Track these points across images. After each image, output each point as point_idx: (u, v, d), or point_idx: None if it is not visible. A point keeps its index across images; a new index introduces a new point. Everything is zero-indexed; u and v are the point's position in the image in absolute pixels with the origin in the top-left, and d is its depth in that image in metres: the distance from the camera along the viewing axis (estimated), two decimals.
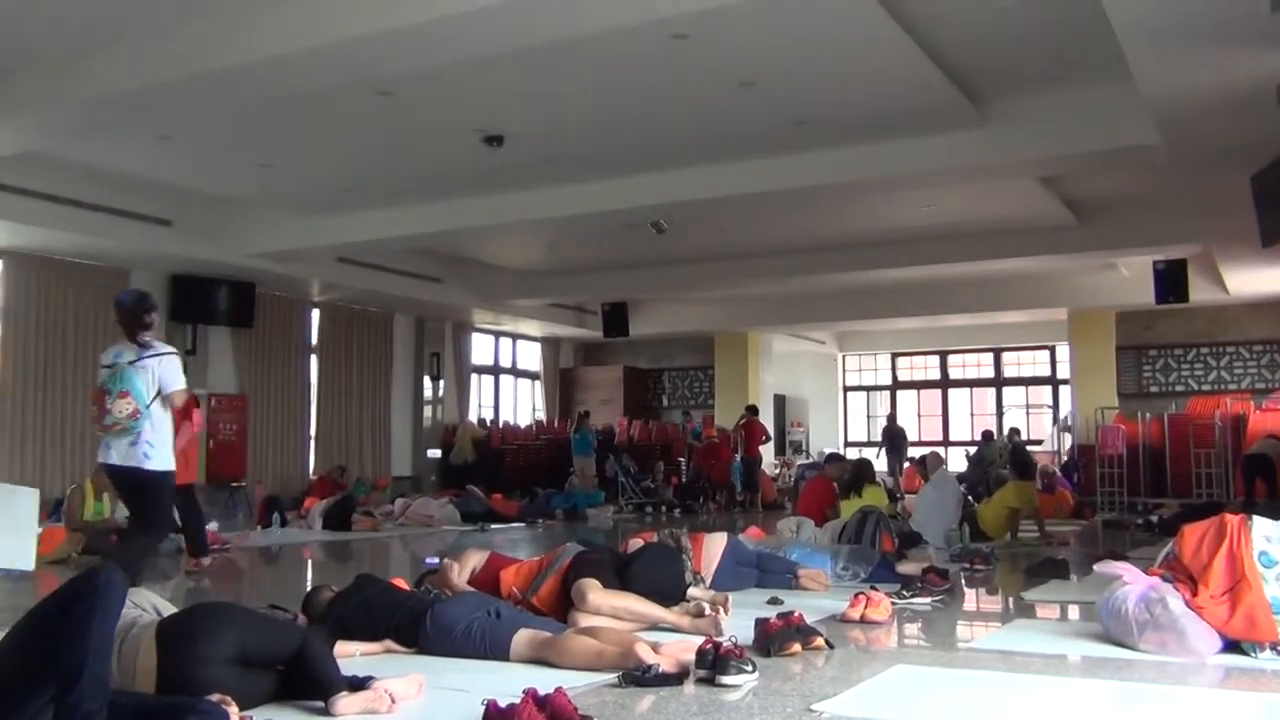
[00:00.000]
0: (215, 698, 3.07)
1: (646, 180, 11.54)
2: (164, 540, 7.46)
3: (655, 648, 4.13)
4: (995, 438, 18.34)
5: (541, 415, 21.92)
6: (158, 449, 5.75)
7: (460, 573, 5.51)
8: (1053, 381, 23.03)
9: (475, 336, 20.30)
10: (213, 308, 14.75)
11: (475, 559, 5.66)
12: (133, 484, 5.81)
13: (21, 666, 2.82)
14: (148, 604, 3.69)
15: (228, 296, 14.82)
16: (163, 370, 5.83)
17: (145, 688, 3.32)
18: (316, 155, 11.10)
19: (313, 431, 16.79)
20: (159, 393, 5.80)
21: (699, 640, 4.21)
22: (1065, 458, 18.44)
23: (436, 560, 7.47)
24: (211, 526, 10.57)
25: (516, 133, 10.13)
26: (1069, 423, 19.05)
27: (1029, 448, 15.11)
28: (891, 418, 22.40)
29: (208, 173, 11.75)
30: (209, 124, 9.85)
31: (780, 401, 23.89)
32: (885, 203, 13.08)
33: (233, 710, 3.05)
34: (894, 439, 20.92)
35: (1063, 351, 21.22)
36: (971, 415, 24.01)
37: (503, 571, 5.46)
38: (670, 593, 5.36)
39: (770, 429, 19.91)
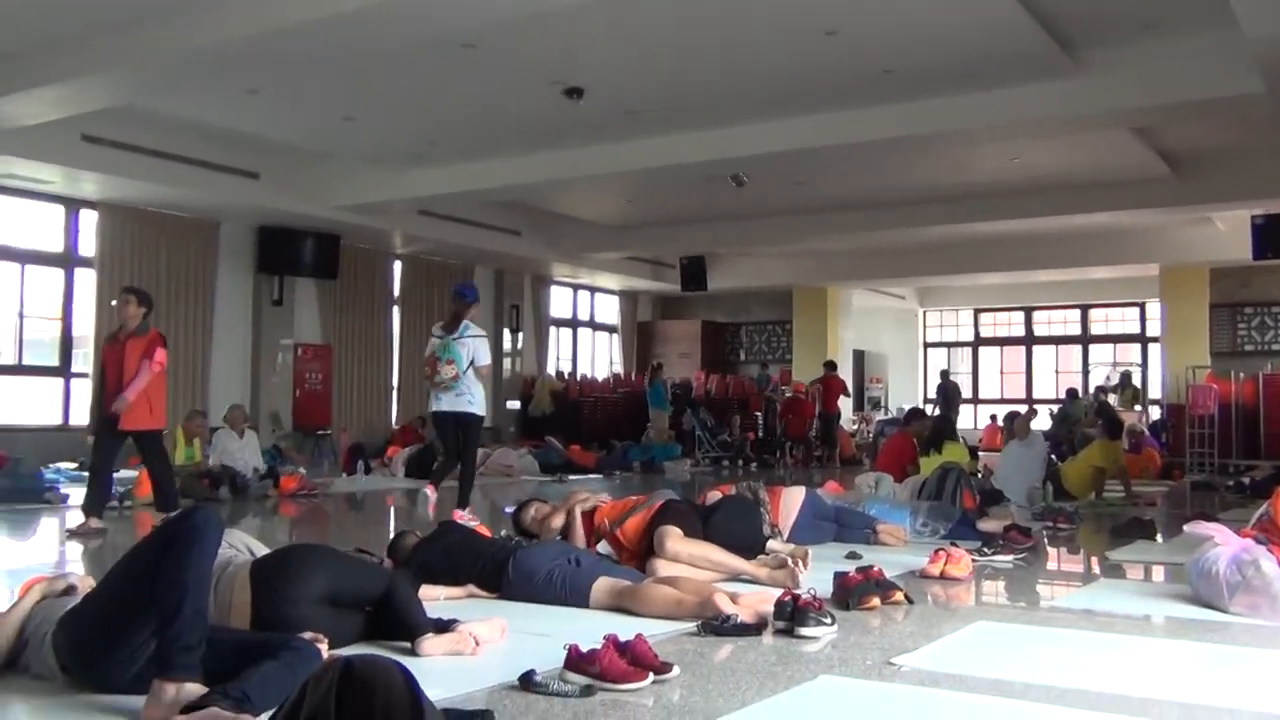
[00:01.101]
0: (308, 635, 3.16)
1: (726, 133, 11.43)
2: (476, 466, 8.63)
3: (734, 598, 4.15)
4: (1080, 395, 17.98)
5: (619, 368, 22.01)
6: (476, 400, 7.85)
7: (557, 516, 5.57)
8: (1142, 339, 22.46)
9: (554, 289, 20.42)
10: (298, 259, 15.03)
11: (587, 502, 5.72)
12: (457, 423, 7.91)
13: (125, 601, 2.94)
14: (241, 544, 3.82)
15: (313, 248, 15.08)
16: (476, 347, 7.85)
17: (241, 624, 3.44)
18: (400, 109, 11.20)
19: (395, 381, 17.10)
20: (472, 362, 7.79)
21: (777, 592, 4.23)
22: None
23: (514, 509, 7.58)
24: (299, 472, 10.88)
25: (596, 85, 10.10)
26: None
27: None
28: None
29: (294, 126, 11.92)
30: (296, 78, 9.99)
31: (859, 357, 23.67)
32: (971, 155, 12.79)
33: (324, 648, 3.14)
34: (948, 395, 20.64)
35: (1153, 308, 20.66)
36: (1056, 372, 23.55)
37: (601, 507, 5.51)
38: (748, 545, 5.38)
39: (849, 385, 19.77)
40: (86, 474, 11.23)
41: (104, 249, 13.27)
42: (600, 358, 22.21)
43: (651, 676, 3.17)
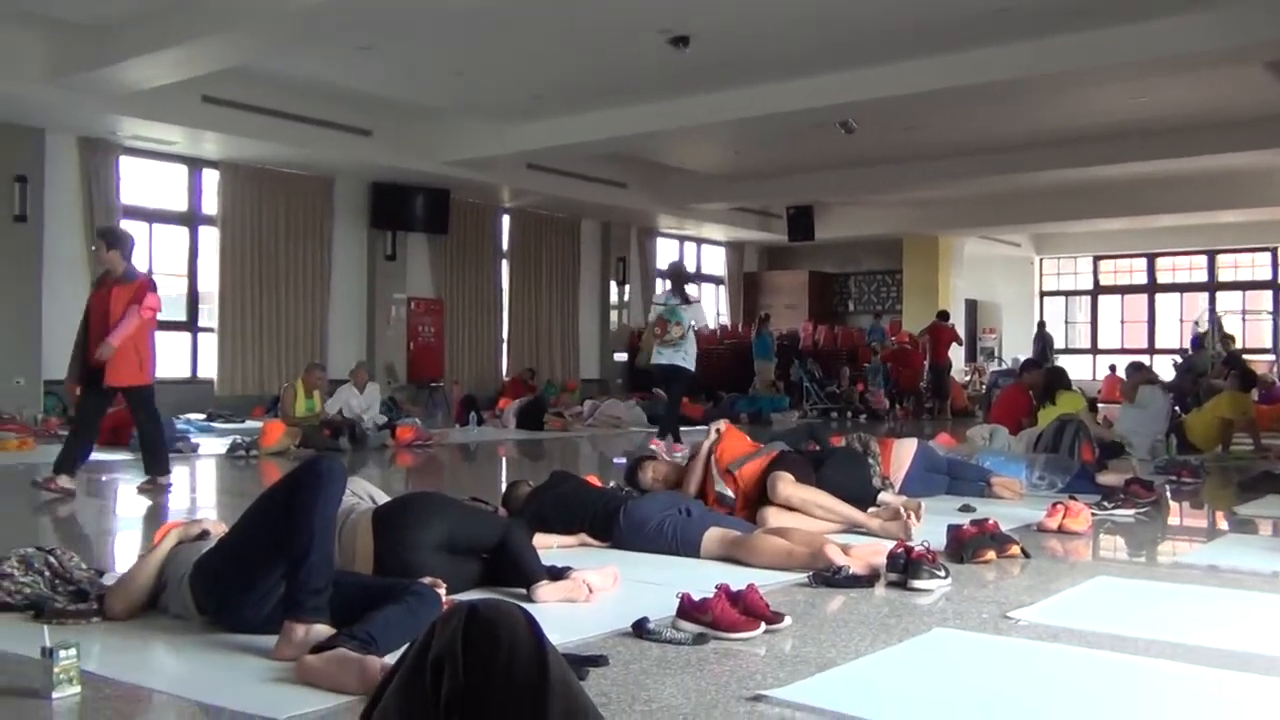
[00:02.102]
0: (427, 581, 3.26)
1: (834, 79, 11.20)
2: (679, 408, 10.29)
3: (845, 550, 4.14)
4: (1206, 344, 17.25)
5: (725, 320, 21.94)
6: (690, 357, 9.47)
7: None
8: (1274, 286, 21.45)
9: (660, 241, 20.40)
10: (410, 214, 15.31)
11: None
12: (673, 375, 9.58)
13: (256, 546, 3.07)
14: (364, 492, 3.94)
15: (424, 203, 15.33)
16: (695, 312, 9.57)
17: (364, 569, 3.56)
18: (508, 63, 11.25)
19: (505, 334, 17.36)
20: (692, 324, 9.45)
21: (889, 544, 4.19)
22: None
23: (624, 460, 7.66)
24: (414, 423, 11.16)
25: (702, 33, 9.98)
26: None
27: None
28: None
29: (405, 82, 12.08)
30: (406, 34, 10.11)
31: (971, 307, 23.15)
32: (1091, 95, 12.30)
33: (443, 593, 3.23)
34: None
35: None
36: (1180, 321, 22.66)
37: (725, 446, 5.50)
38: (859, 496, 5.34)
39: (961, 335, 19.36)
40: (216, 423, 11.69)
41: (225, 207, 13.72)
42: (707, 309, 22.12)
43: (763, 626, 3.19)
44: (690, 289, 10.03)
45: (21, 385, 11.66)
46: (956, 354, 18.70)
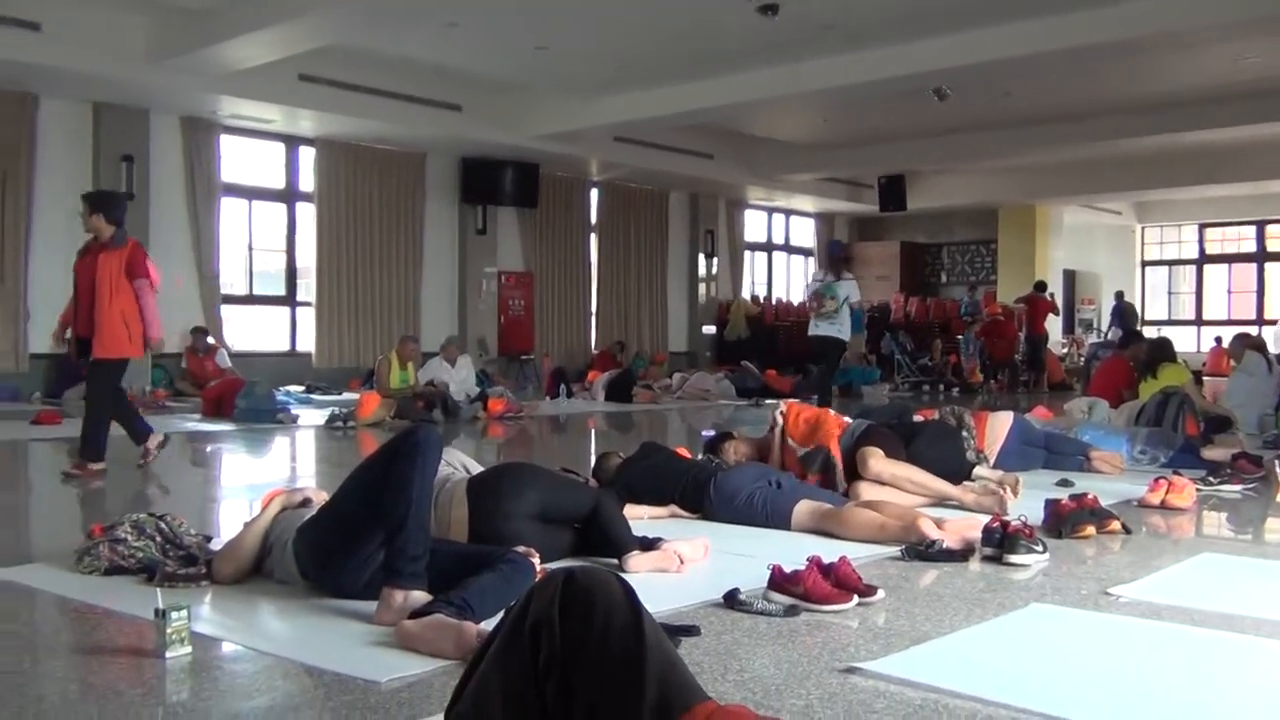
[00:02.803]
0: (521, 550, 3.30)
1: (927, 45, 10.95)
2: (831, 376, 11.73)
3: (939, 524, 4.09)
4: None
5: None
6: (845, 329, 10.89)
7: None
8: None
9: (748, 213, 20.27)
10: (499, 189, 15.44)
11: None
12: (829, 345, 10.95)
13: (355, 513, 3.14)
14: (458, 462, 4.00)
15: (513, 178, 15.44)
16: (848, 288, 10.88)
17: (459, 537, 3.62)
18: (592, 35, 11.24)
19: (594, 307, 17.45)
20: (846, 298, 10.78)
21: (984, 518, 4.13)
22: None
23: (713, 432, 7.65)
24: (505, 395, 11.31)
25: (791, 0, 9.84)
26: None
27: None
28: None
29: (492, 58, 12.16)
30: (490, 9, 10.16)
31: (1069, 277, 22.55)
32: (1195, 57, 11.84)
33: (536, 562, 3.27)
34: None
35: None
36: None
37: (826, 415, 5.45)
38: (953, 470, 5.26)
39: (1058, 306, 18.90)
40: (309, 396, 11.95)
41: (321, 183, 14.00)
42: (796, 281, 21.98)
43: (856, 599, 3.17)
44: (844, 263, 11.60)
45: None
46: (1054, 326, 18.26)
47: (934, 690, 2.44)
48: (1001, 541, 3.82)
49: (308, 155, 14.01)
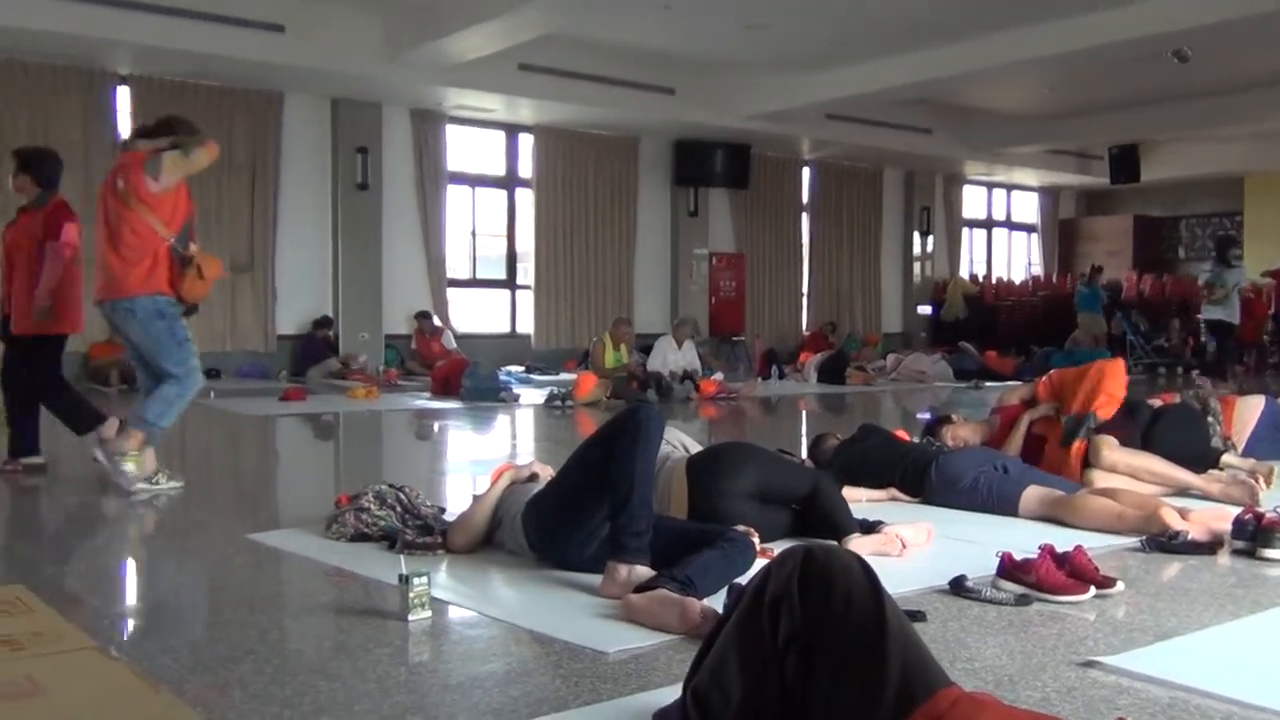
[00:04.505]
0: (741, 529, 3.32)
1: (1163, 3, 10.25)
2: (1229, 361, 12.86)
3: (1183, 514, 3.84)
4: None
5: (1038, 270, 20.79)
6: (1233, 313, 12.58)
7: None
8: None
9: (966, 189, 19.57)
10: (711, 170, 15.48)
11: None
12: (1220, 328, 12.65)
13: (580, 489, 3.23)
14: (677, 441, 4.05)
15: (725, 159, 15.45)
16: (1236, 275, 12.72)
17: (678, 515, 3.67)
18: (806, 11, 11.09)
19: (805, 288, 17.29)
20: (1236, 285, 12.35)
21: (1234, 509, 3.86)
22: None
23: (931, 415, 7.45)
24: (716, 376, 11.36)
25: None
26: None
27: None
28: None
29: (705, 39, 12.19)
30: None
31: None
32: None
33: (756, 540, 3.28)
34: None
35: None
36: None
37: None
38: (1196, 458, 4.93)
39: None
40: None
41: (539, 170, 14.43)
42: (1017, 259, 21.09)
43: (1093, 590, 3.03)
44: (1232, 254, 12.90)
45: (366, 339, 12.85)
46: None
47: (1184, 689, 2.30)
48: (1255, 535, 3.56)
49: (526, 142, 14.45)
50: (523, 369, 13.20)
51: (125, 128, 11.62)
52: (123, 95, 11.62)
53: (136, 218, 4.86)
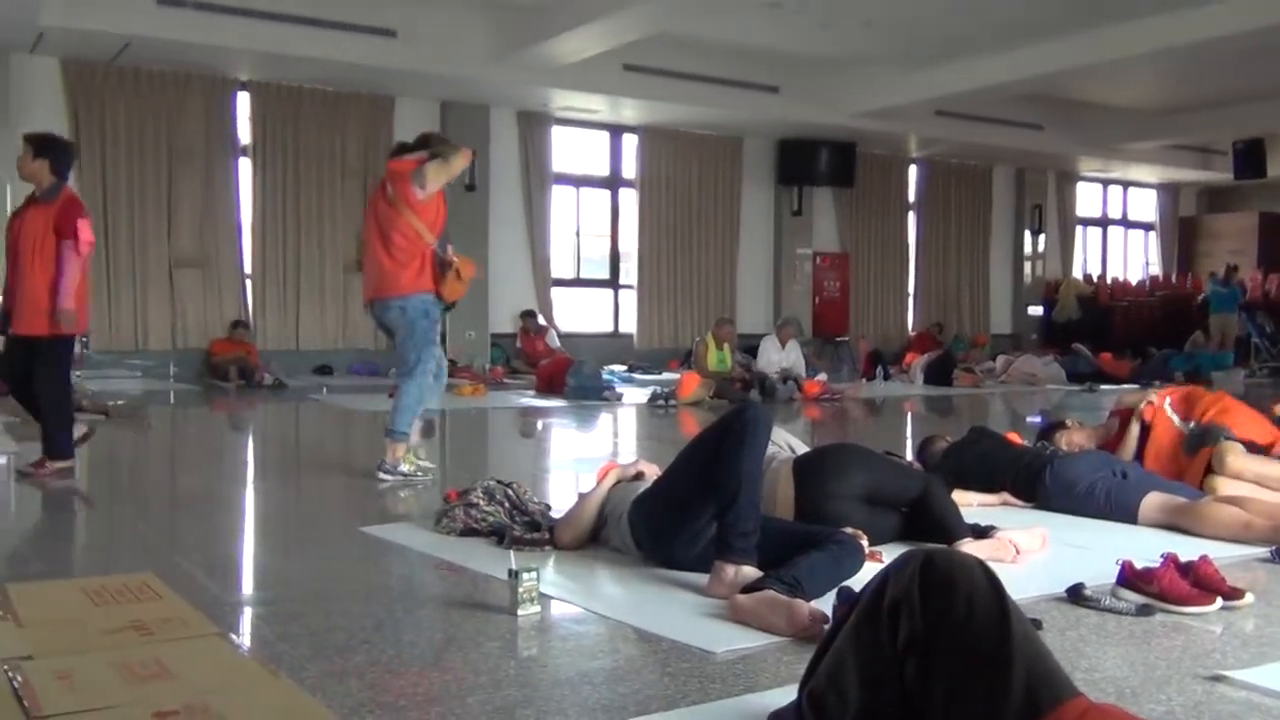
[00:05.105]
0: (849, 531, 3.27)
1: None
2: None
3: None
4: None
5: (1156, 269, 20.10)
6: None
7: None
8: None
9: (1080, 186, 19.03)
10: (815, 169, 15.35)
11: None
12: None
13: (687, 488, 3.23)
14: (783, 441, 4.02)
15: (829, 157, 15.31)
16: None
17: (785, 516, 3.64)
18: (918, 6, 10.91)
19: (911, 288, 17.01)
20: None
21: None
22: None
23: (1042, 419, 7.26)
24: (820, 377, 11.25)
25: None
26: None
27: None
28: None
29: (812, 36, 12.08)
30: None
31: None
32: None
33: (864, 543, 3.23)
34: None
35: None
36: None
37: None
38: None
39: None
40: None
41: (643, 170, 14.49)
42: (1134, 258, 20.42)
43: (1219, 601, 2.91)
44: None
45: (472, 338, 13.05)
46: None
47: None
48: None
49: (630, 142, 14.52)
50: (625, 368, 13.26)
51: (245, 131, 12.04)
52: (242, 100, 12.03)
53: (405, 223, 5.22)
